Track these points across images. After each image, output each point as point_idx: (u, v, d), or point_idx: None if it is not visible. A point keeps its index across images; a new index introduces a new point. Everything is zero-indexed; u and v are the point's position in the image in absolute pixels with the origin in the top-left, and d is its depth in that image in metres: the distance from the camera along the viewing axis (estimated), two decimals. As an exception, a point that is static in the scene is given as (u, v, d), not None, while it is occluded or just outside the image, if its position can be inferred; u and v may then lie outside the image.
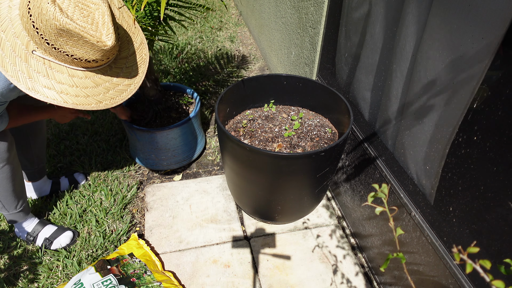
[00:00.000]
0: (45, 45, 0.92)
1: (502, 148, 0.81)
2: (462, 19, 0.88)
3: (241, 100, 1.68)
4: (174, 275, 1.44)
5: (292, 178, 1.31)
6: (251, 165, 1.31)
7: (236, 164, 1.38)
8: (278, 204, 1.44)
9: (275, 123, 1.64)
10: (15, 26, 0.93)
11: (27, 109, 1.34)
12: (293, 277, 1.44)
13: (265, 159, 1.25)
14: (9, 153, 1.28)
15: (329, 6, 1.60)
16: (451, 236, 1.01)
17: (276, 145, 1.49)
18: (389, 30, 1.20)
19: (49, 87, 0.97)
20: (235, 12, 3.86)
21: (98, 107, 1.03)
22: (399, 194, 1.19)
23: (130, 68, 1.10)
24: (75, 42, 0.90)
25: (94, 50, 0.93)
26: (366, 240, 1.47)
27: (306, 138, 1.53)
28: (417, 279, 1.15)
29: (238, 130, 1.62)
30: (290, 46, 2.17)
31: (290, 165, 1.25)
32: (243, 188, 1.48)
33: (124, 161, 1.96)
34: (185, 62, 2.86)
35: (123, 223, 1.65)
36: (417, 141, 1.12)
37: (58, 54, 0.94)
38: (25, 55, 0.94)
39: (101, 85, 1.03)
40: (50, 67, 0.96)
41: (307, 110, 1.71)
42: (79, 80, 0.99)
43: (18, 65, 0.94)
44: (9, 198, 1.39)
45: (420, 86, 1.07)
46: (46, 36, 0.89)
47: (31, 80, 0.95)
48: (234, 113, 1.69)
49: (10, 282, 1.42)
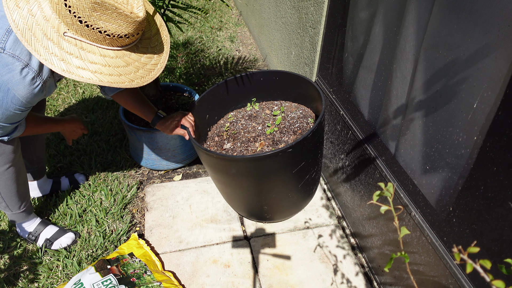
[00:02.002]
0: (77, 25, 0.93)
1: (502, 148, 0.81)
2: (464, 18, 0.88)
3: (222, 104, 1.67)
4: (174, 275, 1.44)
5: (268, 178, 1.30)
6: (226, 172, 1.32)
7: (214, 172, 1.39)
8: (264, 204, 1.44)
9: (258, 121, 1.62)
10: (45, 10, 0.94)
11: (43, 121, 1.38)
12: (293, 277, 1.44)
13: (235, 164, 1.25)
14: (15, 154, 1.29)
15: (329, 6, 1.60)
16: (451, 236, 1.01)
17: (258, 144, 1.47)
18: (390, 30, 1.20)
19: (83, 67, 0.99)
20: (235, 12, 3.86)
21: (131, 85, 1.06)
22: (399, 194, 1.19)
23: (155, 47, 1.13)
24: (108, 15, 0.92)
25: (127, 23, 0.95)
26: (366, 240, 1.47)
27: (289, 132, 1.51)
28: (418, 279, 1.15)
29: (221, 134, 1.61)
30: (290, 46, 2.17)
31: (260, 166, 1.23)
32: (228, 193, 1.49)
33: (124, 161, 1.96)
34: (185, 62, 2.86)
35: (123, 223, 1.65)
36: (417, 141, 1.12)
37: (90, 33, 0.95)
38: (57, 38, 0.95)
39: (131, 65, 1.06)
40: (82, 48, 0.98)
41: (289, 103, 1.68)
42: (111, 60, 1.02)
43: (51, 48, 0.95)
44: (13, 199, 1.39)
45: (420, 86, 1.07)
46: (80, 12, 0.90)
47: (64, 62, 0.97)
48: (216, 118, 1.68)
49: (10, 282, 1.42)
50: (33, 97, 1.09)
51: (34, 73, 1.04)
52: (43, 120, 1.38)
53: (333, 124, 1.65)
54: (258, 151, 1.45)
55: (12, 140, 1.26)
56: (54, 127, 1.44)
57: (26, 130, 1.28)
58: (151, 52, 1.11)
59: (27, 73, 1.03)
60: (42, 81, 1.07)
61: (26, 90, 1.05)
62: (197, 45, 3.13)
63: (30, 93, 1.07)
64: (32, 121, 1.31)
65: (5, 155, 1.26)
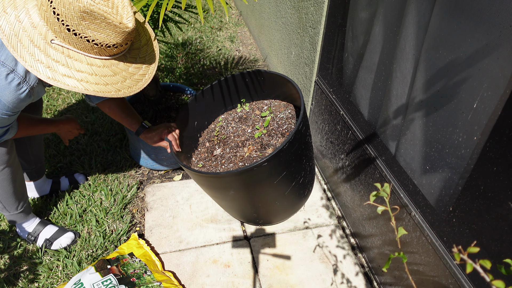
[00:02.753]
0: (65, 33, 0.92)
1: (502, 148, 0.81)
2: (465, 18, 0.88)
3: (210, 108, 1.66)
4: (174, 275, 1.44)
5: (252, 188, 1.29)
6: (209, 186, 1.33)
7: (201, 185, 1.40)
8: (254, 212, 1.44)
9: (248, 123, 1.60)
10: (33, 17, 0.93)
11: (37, 122, 1.37)
12: (293, 277, 1.44)
13: (214, 180, 1.25)
14: (9, 155, 1.28)
15: (329, 6, 1.60)
16: (451, 236, 1.01)
17: (246, 149, 1.46)
18: (390, 30, 1.20)
19: (69, 75, 0.98)
20: (235, 12, 3.86)
21: (117, 95, 1.05)
22: (399, 194, 1.19)
23: (144, 58, 1.13)
24: (97, 25, 0.91)
25: (115, 33, 0.95)
26: (366, 240, 1.47)
27: (277, 135, 1.49)
28: (417, 279, 1.15)
29: (212, 139, 1.60)
30: (290, 46, 2.17)
31: (240, 180, 1.23)
32: (220, 203, 1.51)
33: (124, 161, 1.96)
34: (185, 62, 2.86)
35: (123, 223, 1.65)
36: (417, 141, 1.12)
37: (78, 41, 0.94)
38: (43, 45, 0.95)
39: (119, 74, 1.05)
40: (69, 56, 0.97)
41: (278, 101, 1.66)
42: (98, 69, 1.01)
43: (37, 55, 0.95)
44: (10, 200, 1.39)
45: (420, 86, 1.07)
46: (68, 21, 0.89)
47: (50, 69, 0.96)
48: (206, 123, 1.66)
49: (10, 282, 1.42)
50: (20, 102, 1.07)
51: (20, 79, 1.03)
52: (36, 121, 1.37)
53: (333, 124, 1.65)
54: (246, 157, 1.45)
55: (5, 141, 1.25)
56: (48, 128, 1.42)
57: (18, 132, 1.26)
58: (140, 62, 1.11)
59: (13, 79, 1.02)
60: (29, 87, 1.06)
61: (12, 95, 1.04)
62: (197, 45, 3.13)
63: (16, 99, 1.05)
64: (25, 122, 1.29)
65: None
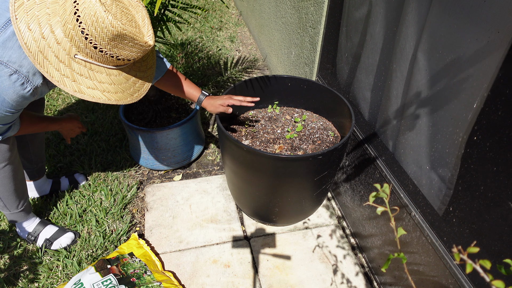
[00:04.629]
0: (90, 49, 0.97)
1: (502, 148, 0.81)
2: (463, 19, 0.88)
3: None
4: (174, 275, 1.44)
5: (290, 180, 1.31)
6: (249, 166, 1.31)
7: (234, 164, 1.38)
8: (276, 206, 1.44)
9: (278, 125, 1.63)
10: (56, 33, 0.97)
11: (39, 119, 1.38)
12: (293, 277, 1.44)
13: (262, 160, 1.25)
14: (11, 152, 1.29)
15: (329, 6, 1.60)
16: (451, 236, 1.01)
17: (277, 147, 1.49)
18: (389, 30, 1.20)
19: (92, 87, 1.04)
20: (235, 12, 3.86)
21: (132, 100, 1.12)
22: (399, 194, 1.19)
23: (146, 61, 1.19)
24: (124, 44, 0.97)
25: (138, 50, 1.01)
26: (366, 240, 1.47)
27: (308, 141, 1.53)
28: (417, 279, 1.15)
29: (240, 130, 1.62)
30: (290, 46, 2.17)
31: (287, 167, 1.24)
32: (242, 188, 1.48)
33: (124, 161, 1.96)
34: (185, 62, 2.86)
35: (123, 223, 1.65)
36: (417, 141, 1.12)
37: (102, 56, 0.99)
38: (68, 60, 0.99)
39: (130, 79, 1.11)
40: (91, 68, 1.02)
41: (310, 113, 1.71)
42: (115, 78, 1.07)
43: (63, 70, 1.00)
44: (11, 198, 1.39)
45: (420, 86, 1.07)
46: (97, 41, 0.94)
47: (76, 83, 1.02)
48: (237, 113, 1.69)
49: (10, 282, 1.42)
50: (23, 100, 1.10)
51: (24, 79, 1.05)
52: (39, 119, 1.38)
53: (333, 124, 1.65)
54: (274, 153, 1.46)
55: (7, 139, 1.26)
56: (51, 125, 1.44)
57: (21, 129, 1.28)
58: (144, 66, 1.18)
59: (17, 79, 1.04)
60: (33, 87, 1.08)
61: (15, 94, 1.06)
62: (197, 45, 3.13)
63: (20, 97, 1.08)
64: (27, 120, 1.31)
65: (1, 154, 1.26)
